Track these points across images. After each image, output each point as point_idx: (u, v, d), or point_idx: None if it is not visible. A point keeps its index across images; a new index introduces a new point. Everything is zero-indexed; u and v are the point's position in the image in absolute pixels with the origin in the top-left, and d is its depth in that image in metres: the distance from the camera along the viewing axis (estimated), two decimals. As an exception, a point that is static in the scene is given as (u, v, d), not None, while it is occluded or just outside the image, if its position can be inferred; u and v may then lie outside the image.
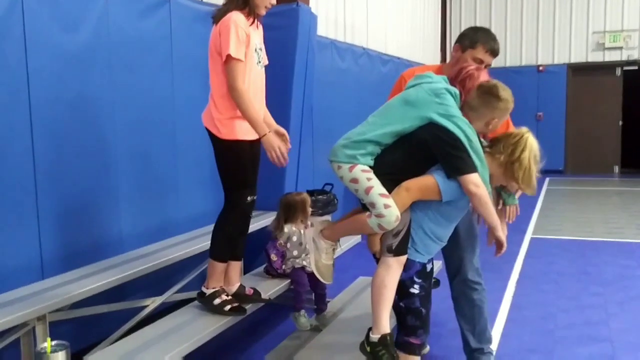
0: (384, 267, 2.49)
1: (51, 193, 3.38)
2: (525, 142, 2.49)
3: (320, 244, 2.71)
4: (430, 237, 2.52)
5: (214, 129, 3.08)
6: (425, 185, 2.44)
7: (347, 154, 2.51)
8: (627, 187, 10.98)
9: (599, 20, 12.43)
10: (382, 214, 2.40)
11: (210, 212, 4.83)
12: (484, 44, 2.94)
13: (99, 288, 3.14)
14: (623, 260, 5.70)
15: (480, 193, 2.40)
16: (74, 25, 3.52)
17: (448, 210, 2.50)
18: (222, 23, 2.93)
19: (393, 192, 2.44)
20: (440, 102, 2.45)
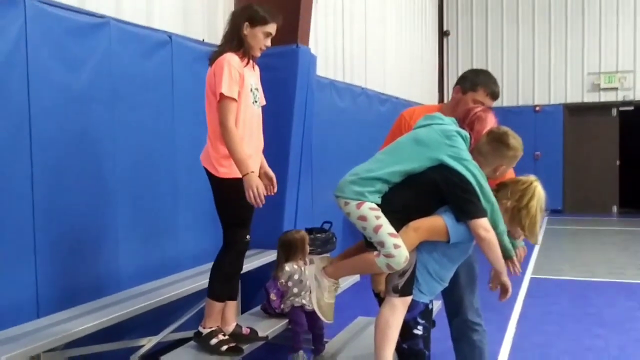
0: (389, 307, 2.47)
1: (49, 230, 3.36)
2: (534, 190, 2.51)
3: (323, 282, 2.68)
4: (434, 278, 2.51)
5: (212, 168, 3.11)
6: (434, 226, 2.43)
7: (354, 190, 2.49)
8: (626, 227, 10.96)
9: (594, 62, 12.62)
10: (392, 254, 2.38)
11: (208, 251, 4.81)
12: (485, 87, 2.97)
13: (94, 327, 3.09)
14: (625, 302, 5.65)
15: (490, 238, 2.40)
16: (77, 64, 3.57)
17: (454, 252, 2.50)
18: (216, 64, 2.99)
19: (401, 231, 2.43)
20: (451, 145, 2.46)
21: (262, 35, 3.08)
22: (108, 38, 3.78)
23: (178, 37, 4.49)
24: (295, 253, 3.71)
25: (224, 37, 3.14)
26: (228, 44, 3.07)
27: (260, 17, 3.05)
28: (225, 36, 3.13)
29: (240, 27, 3.04)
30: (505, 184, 2.60)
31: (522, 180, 2.57)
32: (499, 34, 13.29)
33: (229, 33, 3.11)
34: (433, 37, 13.02)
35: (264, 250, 4.96)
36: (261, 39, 3.08)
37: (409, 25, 10.99)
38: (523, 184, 2.54)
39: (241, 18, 3.06)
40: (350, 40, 8.03)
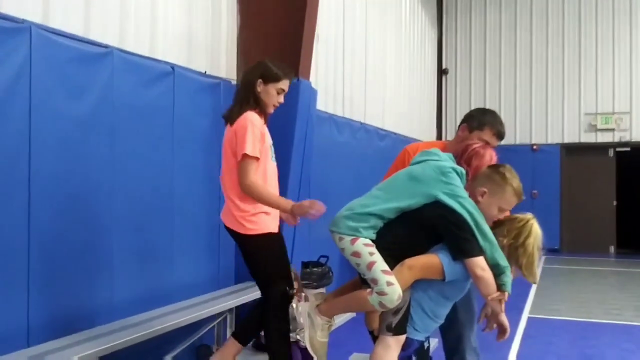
0: (382, 346, 2.43)
1: (44, 258, 3.32)
2: (531, 228, 2.49)
3: (317, 320, 2.64)
4: (429, 316, 2.48)
5: (239, 227, 2.99)
6: (429, 264, 2.41)
7: (349, 225, 2.48)
8: (623, 267, 10.91)
9: (591, 102, 12.75)
10: (385, 292, 2.35)
11: (204, 282, 4.77)
12: (491, 127, 2.95)
13: (84, 358, 3.03)
14: (623, 344, 5.58)
15: (487, 277, 2.38)
16: (79, 93, 3.59)
17: (449, 290, 2.47)
18: (238, 123, 2.97)
19: (395, 269, 2.40)
20: (446, 182, 2.45)
21: (275, 91, 3.06)
22: (111, 67, 3.81)
23: (180, 68, 4.53)
24: None
25: (238, 95, 3.14)
26: (245, 102, 3.05)
27: (273, 74, 3.05)
28: (238, 94, 3.13)
29: (254, 85, 3.04)
30: (501, 222, 2.57)
31: (519, 218, 2.54)
32: (497, 73, 13.45)
33: (242, 91, 3.10)
34: (432, 75, 13.18)
35: (260, 283, 4.91)
36: (274, 95, 3.07)
37: (409, 62, 11.13)
38: (520, 221, 2.52)
39: (254, 76, 3.06)
40: (351, 75, 8.12)
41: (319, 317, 2.63)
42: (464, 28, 13.76)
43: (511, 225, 2.52)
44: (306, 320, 2.68)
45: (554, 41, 12.99)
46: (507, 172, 2.57)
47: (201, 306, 4.15)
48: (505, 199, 2.51)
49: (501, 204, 2.52)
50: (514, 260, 2.48)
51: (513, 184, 2.53)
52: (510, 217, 2.60)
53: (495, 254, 2.42)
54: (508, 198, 2.52)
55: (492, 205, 2.51)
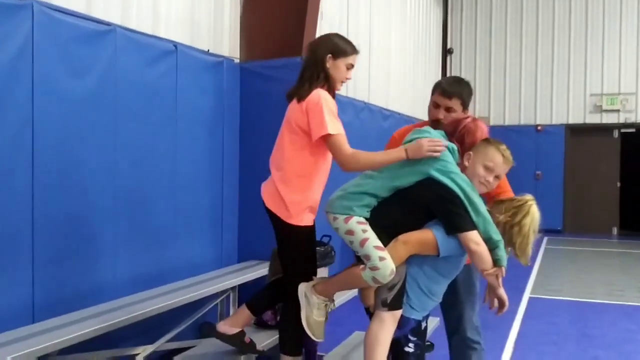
0: (377, 322, 2.44)
1: (48, 236, 3.35)
2: (528, 209, 2.48)
3: (312, 300, 2.65)
4: (425, 293, 2.48)
5: (283, 213, 2.81)
6: (423, 239, 2.42)
7: (343, 205, 2.51)
8: (626, 249, 10.92)
9: (597, 83, 12.66)
10: (377, 267, 2.38)
11: (207, 261, 4.80)
12: (436, 88, 2.93)
13: (89, 334, 3.07)
14: (624, 324, 5.61)
15: (481, 251, 2.38)
16: (82, 71, 3.58)
17: (444, 266, 2.47)
18: (309, 102, 2.77)
19: (390, 244, 2.42)
20: (439, 158, 2.46)
21: (344, 67, 2.89)
22: (114, 45, 3.79)
23: (183, 46, 4.51)
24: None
25: (306, 72, 2.87)
26: (315, 79, 2.83)
27: (342, 49, 2.86)
28: (306, 70, 2.88)
29: (324, 60, 2.83)
30: (501, 201, 2.57)
31: (518, 199, 2.54)
32: (503, 53, 13.35)
33: (311, 67, 2.86)
34: (436, 55, 13.08)
35: (261, 261, 4.95)
36: (344, 71, 2.89)
37: (413, 41, 11.05)
38: (518, 201, 2.52)
39: (324, 50, 2.85)
40: (355, 54, 8.06)
41: (315, 297, 2.65)
42: (470, 7, 13.62)
43: (509, 204, 2.52)
44: (302, 299, 2.69)
45: (560, 21, 12.86)
46: (493, 139, 2.58)
47: (204, 284, 4.18)
48: (488, 155, 2.50)
49: (485, 161, 2.49)
50: (507, 239, 2.47)
51: (497, 145, 2.53)
52: (510, 197, 2.61)
53: (488, 228, 2.42)
54: (491, 154, 2.50)
55: (477, 164, 2.50)
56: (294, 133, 2.80)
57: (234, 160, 5.12)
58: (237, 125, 5.15)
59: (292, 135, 2.81)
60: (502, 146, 2.55)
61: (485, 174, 2.50)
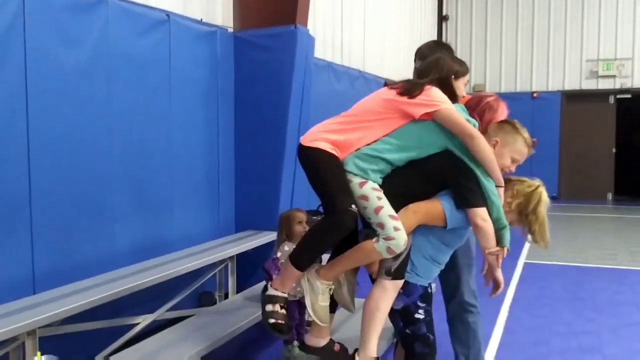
0: (379, 289, 2.46)
1: (45, 207, 3.37)
2: (540, 195, 2.52)
3: (316, 285, 2.58)
4: (429, 261, 2.52)
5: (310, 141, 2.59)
6: (432, 210, 2.43)
7: (359, 165, 2.47)
8: (620, 214, 11.03)
9: (593, 49, 12.59)
10: (392, 237, 2.36)
11: (205, 231, 4.84)
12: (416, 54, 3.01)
13: (89, 304, 3.10)
14: (616, 287, 5.70)
15: (487, 227, 2.41)
16: (74, 41, 3.55)
17: (449, 237, 2.50)
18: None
19: (399, 212, 2.42)
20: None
21: (463, 86, 2.79)
22: (106, 15, 3.76)
23: (176, 16, 4.47)
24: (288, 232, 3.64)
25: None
26: None
27: (462, 70, 2.76)
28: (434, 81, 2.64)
29: (450, 80, 2.68)
30: (509, 180, 2.58)
31: (529, 183, 2.56)
32: (499, 20, 13.23)
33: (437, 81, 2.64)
34: (432, 22, 12.95)
35: (260, 231, 4.99)
36: (462, 90, 2.79)
37: (409, 8, 10.93)
38: (530, 186, 2.54)
39: (450, 72, 2.70)
40: (349, 22, 7.99)
41: (319, 281, 2.58)
42: (465, -28, 13.45)
43: (520, 187, 2.54)
44: (306, 285, 2.60)
45: (557, -15, 12.73)
46: (517, 124, 2.61)
47: (203, 254, 4.22)
48: (517, 148, 2.54)
49: (513, 154, 2.53)
50: (525, 226, 2.52)
51: (524, 135, 2.56)
52: (519, 178, 2.61)
53: (498, 212, 2.44)
54: (520, 148, 2.54)
55: (505, 156, 2.53)
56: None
57: (229, 130, 5.11)
58: (231, 95, 5.13)
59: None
60: (527, 134, 2.57)
61: (510, 165, 2.55)
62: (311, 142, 2.57)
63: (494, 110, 2.68)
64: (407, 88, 2.54)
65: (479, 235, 2.45)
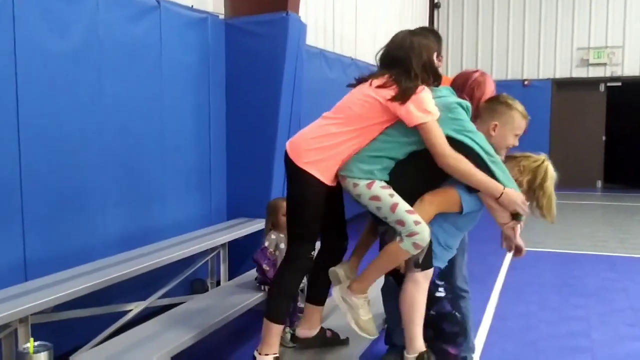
0: (412, 284, 2.46)
1: (37, 195, 3.36)
2: (546, 169, 2.52)
3: (353, 302, 2.55)
4: (443, 247, 2.54)
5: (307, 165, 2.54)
6: (448, 198, 2.44)
7: (363, 169, 2.45)
8: (609, 201, 11.11)
9: (584, 37, 12.62)
10: (415, 231, 2.34)
11: (197, 219, 4.84)
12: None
13: (82, 291, 3.11)
14: (605, 273, 5.76)
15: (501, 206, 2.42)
16: (64, 28, 3.52)
17: (464, 221, 2.52)
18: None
19: (415, 206, 2.41)
20: (454, 117, 2.44)
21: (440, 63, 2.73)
22: (95, 2, 3.72)
23: (166, 2, 4.43)
24: (269, 219, 3.63)
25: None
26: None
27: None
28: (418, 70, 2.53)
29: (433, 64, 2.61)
30: (514, 157, 2.58)
31: (534, 158, 2.57)
32: (490, 7, 13.21)
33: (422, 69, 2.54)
34: (424, 9, 12.92)
35: (251, 219, 5.00)
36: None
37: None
38: (535, 161, 2.55)
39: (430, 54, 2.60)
40: (341, 9, 7.96)
41: (355, 297, 2.54)
42: (457, -40, 13.41)
43: (526, 163, 2.54)
44: (343, 305, 2.58)
45: (549, -27, 12.72)
46: (507, 99, 2.61)
47: (195, 241, 4.23)
48: (516, 125, 2.57)
49: (515, 131, 2.57)
50: (533, 201, 2.52)
51: (518, 108, 2.58)
52: (524, 154, 2.62)
53: (509, 185, 2.42)
54: (518, 122, 2.57)
55: (508, 135, 2.56)
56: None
57: (220, 117, 5.10)
58: (223, 82, 5.11)
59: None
60: (520, 106, 2.59)
61: (515, 141, 2.59)
62: (305, 165, 2.50)
63: (482, 86, 2.69)
64: (400, 93, 2.42)
65: (495, 214, 2.46)
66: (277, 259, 3.55)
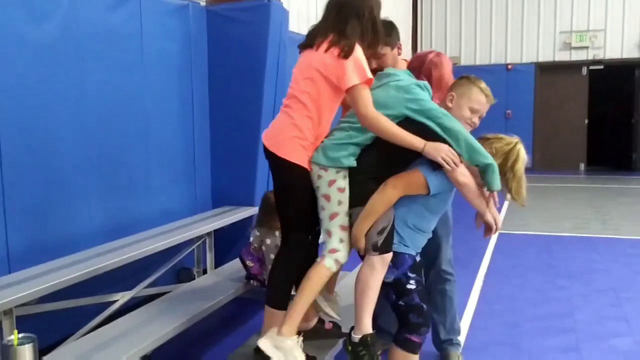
0: (367, 267, 2.47)
1: (18, 186, 3.32)
2: (518, 152, 2.51)
3: (288, 345, 2.46)
4: (415, 231, 2.52)
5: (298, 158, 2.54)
6: (412, 180, 2.43)
7: (329, 156, 2.48)
8: (592, 184, 11.24)
9: (566, 20, 12.68)
10: (336, 249, 2.44)
11: (182, 208, 4.82)
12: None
13: (67, 282, 3.09)
14: (588, 254, 5.84)
15: (469, 183, 2.40)
16: (42, 16, 3.46)
17: (434, 203, 2.50)
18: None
19: (378, 190, 2.42)
20: (411, 98, 2.44)
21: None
22: (73, -11, 3.67)
23: (146, -11, 4.37)
24: (260, 215, 3.57)
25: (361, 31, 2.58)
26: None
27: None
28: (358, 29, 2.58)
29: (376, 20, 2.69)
30: (487, 139, 2.57)
31: (507, 140, 2.55)
32: (473, -8, 13.23)
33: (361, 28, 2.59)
34: (407, -6, 12.90)
35: (237, 207, 4.99)
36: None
37: (383, -19, 10.84)
38: (508, 144, 2.52)
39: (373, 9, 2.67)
40: (324, -5, 7.90)
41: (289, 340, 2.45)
42: (440, -56, 13.37)
43: (499, 145, 2.52)
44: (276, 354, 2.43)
45: (531, -43, 12.74)
46: (472, 77, 2.61)
47: (180, 230, 4.22)
48: (473, 98, 2.54)
49: (470, 103, 2.54)
50: (504, 184, 2.50)
51: (479, 84, 2.56)
52: (496, 135, 2.60)
53: (473, 156, 2.40)
54: (476, 97, 2.54)
55: (463, 107, 2.53)
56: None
57: (204, 106, 5.07)
58: (205, 70, 5.07)
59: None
60: (483, 84, 2.58)
61: (471, 116, 2.55)
62: (288, 155, 2.50)
63: (439, 66, 2.71)
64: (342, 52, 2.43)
65: (463, 191, 2.43)
66: (264, 255, 3.48)
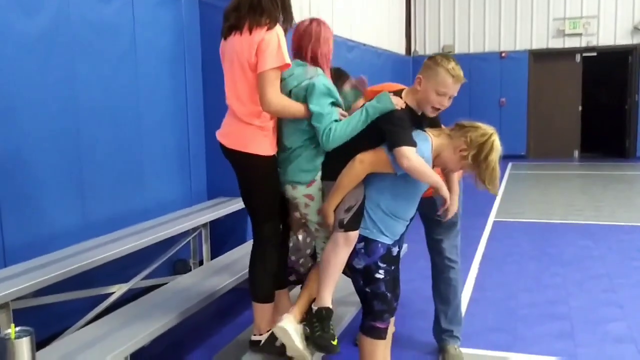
0: (331, 244, 2.49)
1: (12, 180, 3.31)
2: (492, 144, 2.48)
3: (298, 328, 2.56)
4: (389, 216, 2.49)
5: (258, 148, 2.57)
6: (378, 156, 2.42)
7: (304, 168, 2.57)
8: (586, 171, 11.28)
9: (559, 7, 12.66)
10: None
11: (177, 200, 4.82)
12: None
13: (63, 275, 3.09)
14: (582, 241, 5.88)
15: (412, 166, 2.34)
16: (33, 8, 3.44)
17: (404, 185, 2.47)
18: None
19: (347, 166, 2.43)
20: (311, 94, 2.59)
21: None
22: (65, -19, 3.64)
23: (138, -20, 4.34)
24: None
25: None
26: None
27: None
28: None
29: None
30: (462, 125, 2.54)
31: (482, 131, 2.51)
32: (467, -21, 13.18)
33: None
34: (400, -18, 12.84)
35: (232, 197, 4.98)
36: None
37: (376, -31, 10.80)
38: (483, 135, 2.49)
39: None
40: (317, -16, 7.87)
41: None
42: None
43: (474, 135, 2.49)
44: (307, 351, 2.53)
45: (524, -56, 12.69)
46: (440, 56, 2.52)
47: (176, 222, 4.22)
48: (439, 80, 2.44)
49: (437, 86, 2.45)
50: (478, 174, 2.49)
51: (445, 65, 2.45)
52: (473, 124, 2.56)
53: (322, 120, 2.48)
54: (442, 79, 2.44)
55: (429, 90, 2.46)
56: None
57: (197, 97, 5.05)
58: (199, 61, 5.05)
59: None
60: (451, 64, 2.46)
61: (439, 99, 2.46)
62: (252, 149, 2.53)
63: (315, 37, 2.89)
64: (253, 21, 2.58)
65: (411, 175, 2.38)
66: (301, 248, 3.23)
